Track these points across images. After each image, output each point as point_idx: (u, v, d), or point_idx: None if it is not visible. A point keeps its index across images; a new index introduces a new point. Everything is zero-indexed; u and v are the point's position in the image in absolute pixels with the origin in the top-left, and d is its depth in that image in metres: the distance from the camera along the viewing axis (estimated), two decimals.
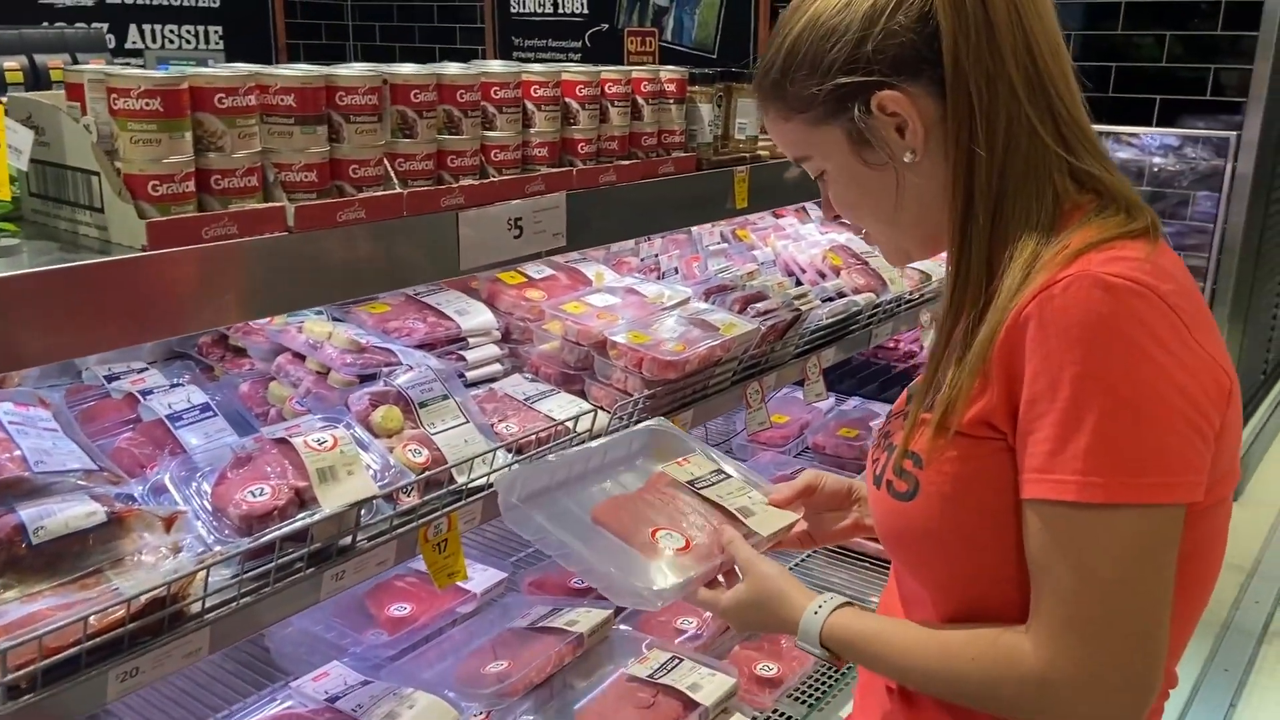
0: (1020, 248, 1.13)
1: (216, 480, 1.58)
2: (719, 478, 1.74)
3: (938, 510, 1.17)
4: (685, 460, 1.77)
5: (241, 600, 1.47)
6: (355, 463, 1.61)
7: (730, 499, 1.66)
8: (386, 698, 1.77)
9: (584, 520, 1.61)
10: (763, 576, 1.41)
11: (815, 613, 1.32)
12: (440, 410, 1.90)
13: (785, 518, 1.62)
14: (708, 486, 1.69)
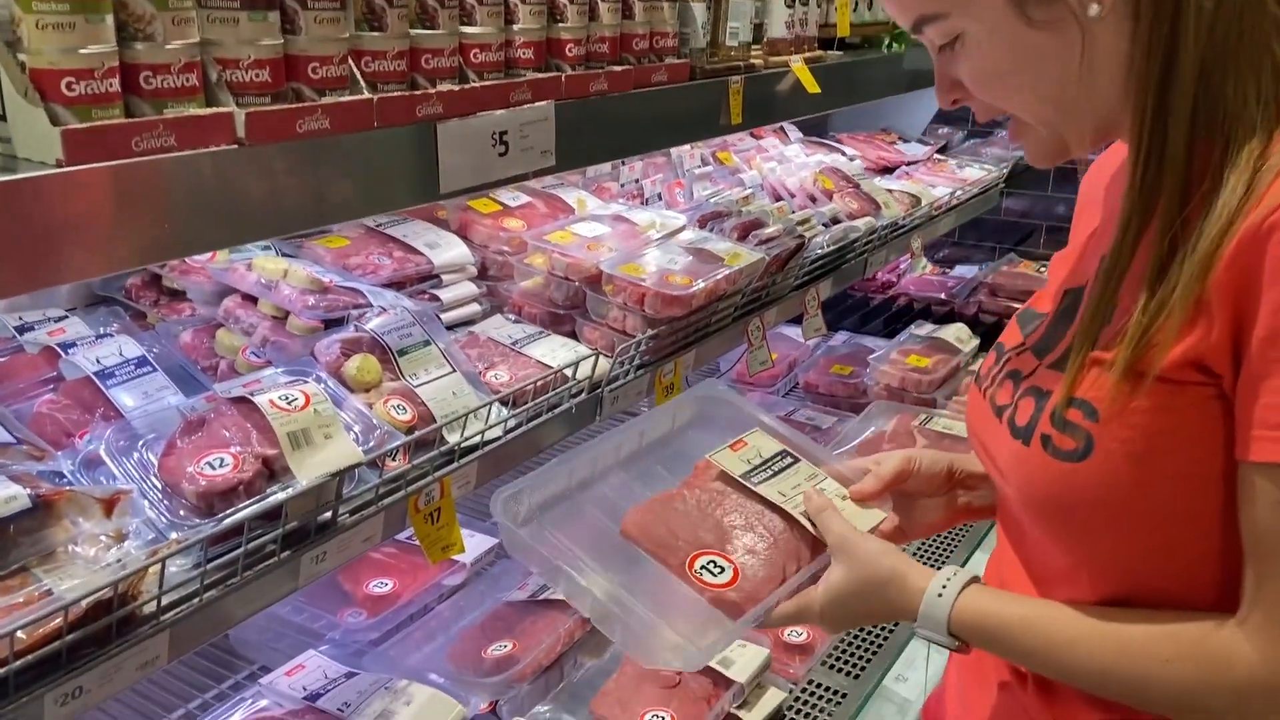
0: (1238, 138, 0.90)
1: (164, 450, 1.31)
2: (783, 463, 1.42)
3: (1121, 473, 0.96)
4: (741, 442, 1.44)
5: (205, 595, 1.22)
6: (333, 424, 1.36)
7: (796, 498, 1.35)
8: (377, 693, 1.54)
9: (610, 534, 1.31)
10: (865, 558, 1.17)
11: (940, 594, 1.10)
12: (422, 358, 1.64)
13: (869, 517, 1.32)
14: (767, 479, 1.37)
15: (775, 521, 1.31)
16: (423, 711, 1.49)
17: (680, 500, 1.34)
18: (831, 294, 2.71)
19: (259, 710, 1.56)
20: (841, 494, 1.35)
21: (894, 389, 2.86)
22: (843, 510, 1.30)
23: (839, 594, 1.18)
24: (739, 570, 1.25)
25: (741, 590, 1.23)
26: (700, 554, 1.26)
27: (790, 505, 1.32)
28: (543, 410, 1.72)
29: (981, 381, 1.26)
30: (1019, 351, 1.20)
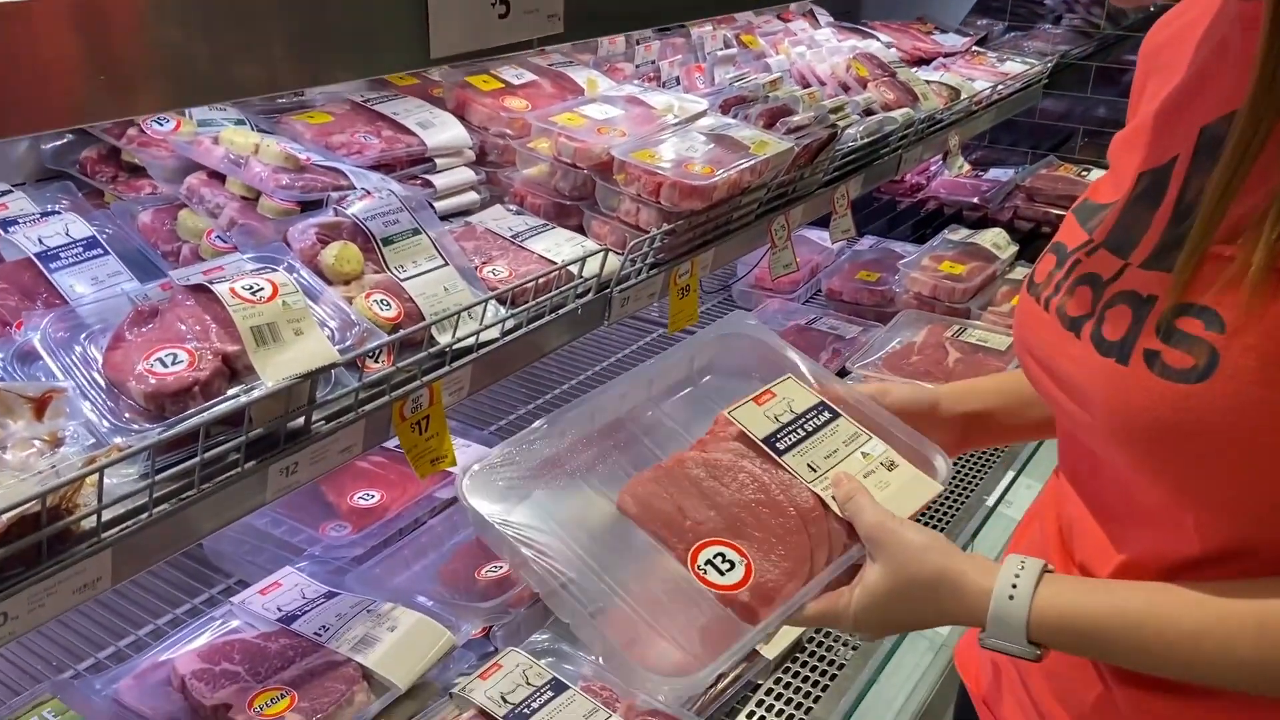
0: None
1: (111, 343, 1.16)
2: (818, 421, 1.20)
3: (1253, 394, 0.80)
4: (768, 394, 1.23)
5: (155, 510, 1.08)
6: (304, 319, 1.20)
7: (827, 472, 1.14)
8: (358, 616, 1.41)
9: (607, 512, 1.12)
10: (906, 554, 1.00)
11: (1011, 595, 0.94)
12: (410, 249, 1.48)
13: (919, 492, 1.12)
14: (796, 444, 1.15)
15: (804, 497, 1.12)
16: (408, 638, 1.36)
17: (690, 466, 1.14)
18: (859, 194, 2.53)
19: (229, 631, 1.44)
20: (890, 460, 1.15)
21: (924, 297, 2.69)
22: (889, 484, 1.11)
23: (877, 597, 1.01)
24: (752, 567, 1.05)
25: (756, 591, 1.04)
26: (706, 543, 1.07)
27: (822, 482, 1.12)
28: (545, 310, 1.57)
29: (1039, 289, 1.09)
30: (1089, 250, 1.03)
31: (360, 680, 1.30)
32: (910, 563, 0.99)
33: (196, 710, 1.26)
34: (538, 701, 1.30)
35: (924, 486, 1.13)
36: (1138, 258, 0.96)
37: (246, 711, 1.24)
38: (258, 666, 1.31)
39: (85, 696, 1.28)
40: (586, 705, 1.26)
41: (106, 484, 1.06)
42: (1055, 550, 1.10)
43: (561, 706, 1.27)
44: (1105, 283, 0.98)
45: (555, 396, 2.49)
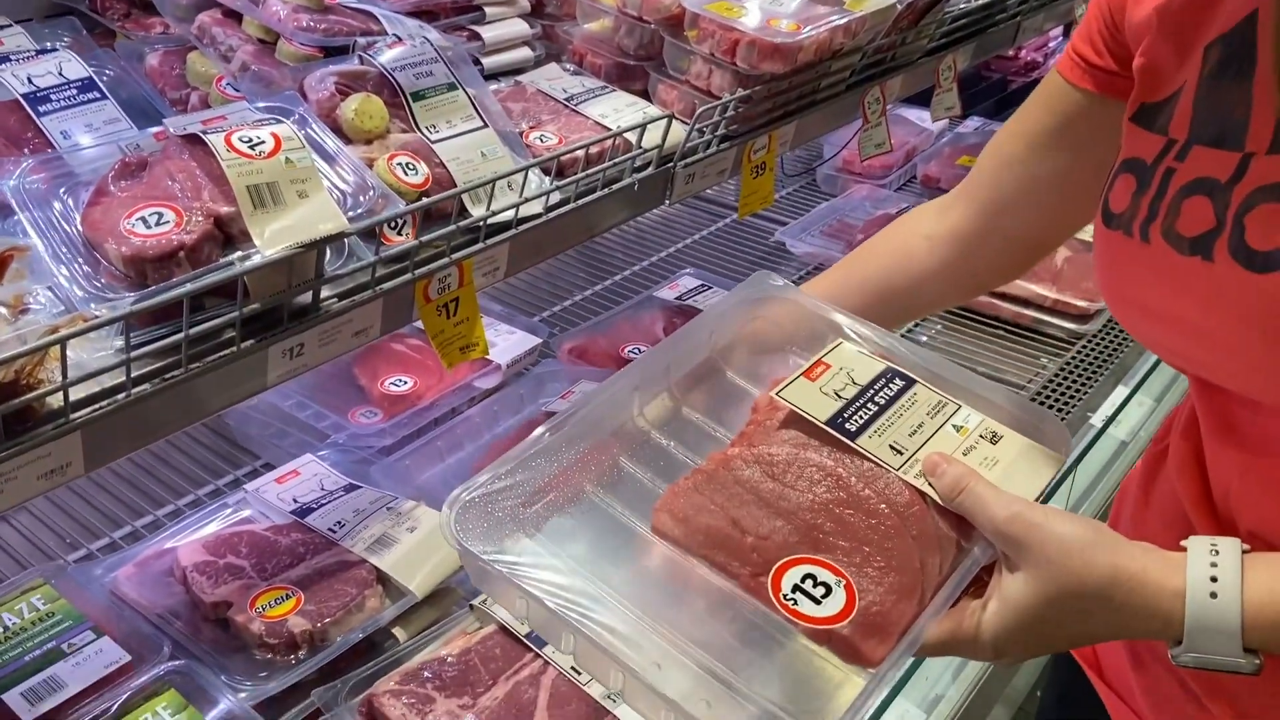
0: None
1: (91, 198, 1.04)
2: (890, 391, 0.98)
3: None
4: (820, 365, 1.00)
5: (134, 390, 0.97)
6: (310, 179, 1.06)
7: (916, 454, 0.92)
8: (376, 513, 1.31)
9: (642, 539, 0.91)
10: (1065, 552, 0.79)
11: (1214, 593, 0.75)
12: (444, 106, 1.33)
13: (1039, 466, 0.92)
14: (870, 424, 0.93)
15: (895, 489, 0.89)
16: (429, 540, 1.26)
17: (739, 467, 0.91)
18: (967, 68, 2.28)
19: (239, 521, 1.35)
20: (991, 431, 0.94)
21: None
22: (997, 461, 0.90)
23: (1024, 614, 0.81)
24: (853, 588, 0.82)
25: (864, 621, 0.81)
26: (788, 564, 0.84)
27: (913, 469, 0.90)
28: (597, 184, 1.40)
29: (1124, 219, 0.90)
30: (1179, 153, 0.85)
31: (373, 584, 1.21)
32: (1069, 568, 0.79)
33: (196, 605, 1.19)
34: None
35: (1041, 461, 0.92)
36: (1259, 143, 0.78)
37: (247, 611, 1.16)
38: (265, 562, 1.23)
39: (80, 584, 1.21)
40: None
41: (82, 359, 0.95)
42: (1208, 521, 0.93)
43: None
44: (1228, 184, 0.80)
45: (617, 282, 2.34)
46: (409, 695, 1.04)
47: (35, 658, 1.10)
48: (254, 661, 1.13)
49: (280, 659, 1.12)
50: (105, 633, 1.12)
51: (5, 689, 1.06)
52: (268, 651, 1.13)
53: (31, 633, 1.12)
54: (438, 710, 1.03)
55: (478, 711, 1.04)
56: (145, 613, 1.18)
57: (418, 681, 1.06)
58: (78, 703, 1.05)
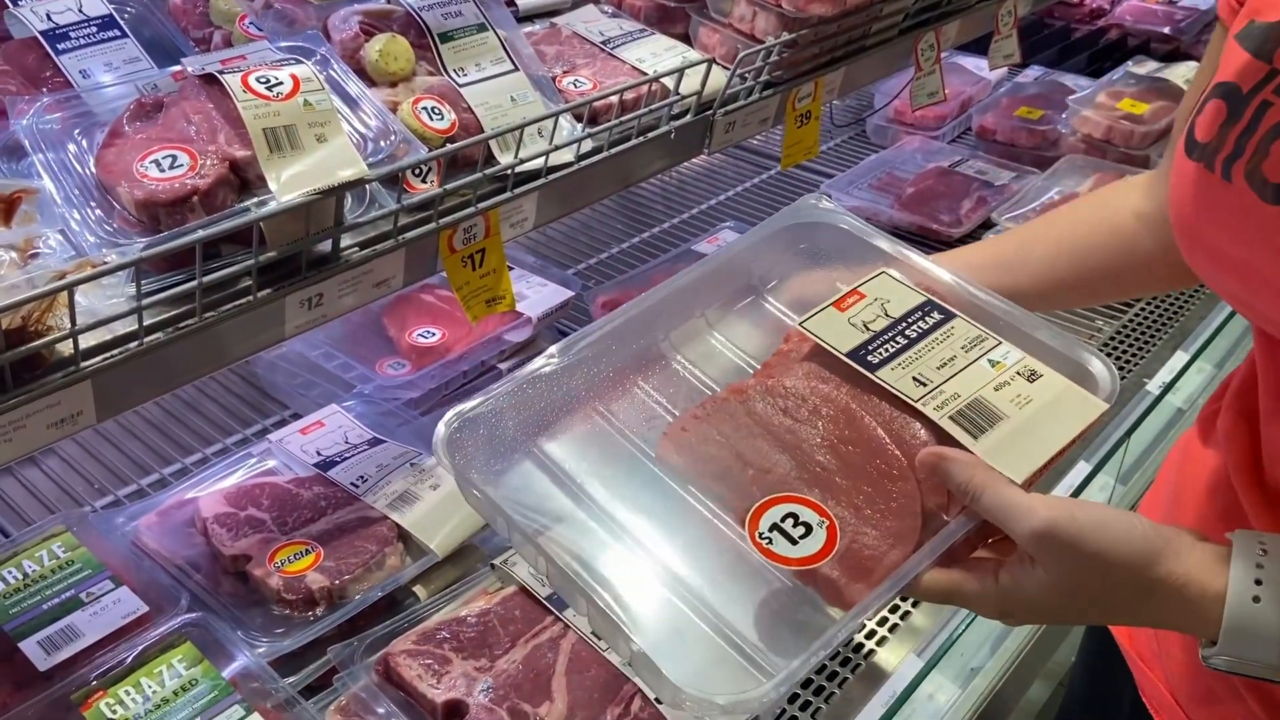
0: None
1: (105, 139, 1.02)
2: (926, 324, 0.93)
3: None
4: (855, 294, 0.96)
5: (147, 339, 0.95)
6: (330, 122, 1.03)
7: (941, 387, 0.88)
8: (400, 468, 1.29)
9: (646, 469, 0.90)
10: (1085, 558, 0.75)
11: (1256, 596, 0.72)
12: (473, 48, 1.29)
13: (1078, 409, 0.86)
14: (895, 356, 0.90)
15: (911, 430, 0.86)
16: (451, 498, 1.24)
17: (752, 398, 0.89)
18: (1026, 15, 2.19)
19: (263, 472, 1.34)
20: (1029, 369, 0.88)
21: (1095, 140, 2.36)
22: (1030, 400, 0.85)
23: (1039, 600, 0.78)
24: (837, 529, 0.81)
25: (847, 562, 0.79)
26: (771, 501, 0.83)
27: (935, 401, 0.86)
28: (632, 132, 1.36)
29: (1209, 150, 0.83)
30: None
31: (394, 541, 1.20)
32: (1106, 585, 0.76)
33: (216, 557, 1.18)
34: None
35: (1081, 404, 0.85)
36: None
37: (266, 565, 1.15)
38: (286, 516, 1.21)
39: (101, 532, 1.21)
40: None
41: (95, 306, 0.94)
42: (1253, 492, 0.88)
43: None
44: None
45: (655, 235, 2.29)
46: (426, 656, 1.03)
47: (53, 606, 1.10)
48: (272, 616, 1.12)
49: (298, 615, 1.12)
50: (124, 583, 1.12)
51: (22, 637, 1.06)
52: (285, 607, 1.12)
53: (50, 580, 1.13)
54: (454, 672, 1.01)
55: (495, 674, 1.02)
56: (165, 563, 1.18)
57: (435, 642, 1.05)
58: (93, 653, 1.05)
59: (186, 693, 1.00)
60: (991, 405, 0.86)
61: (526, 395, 0.93)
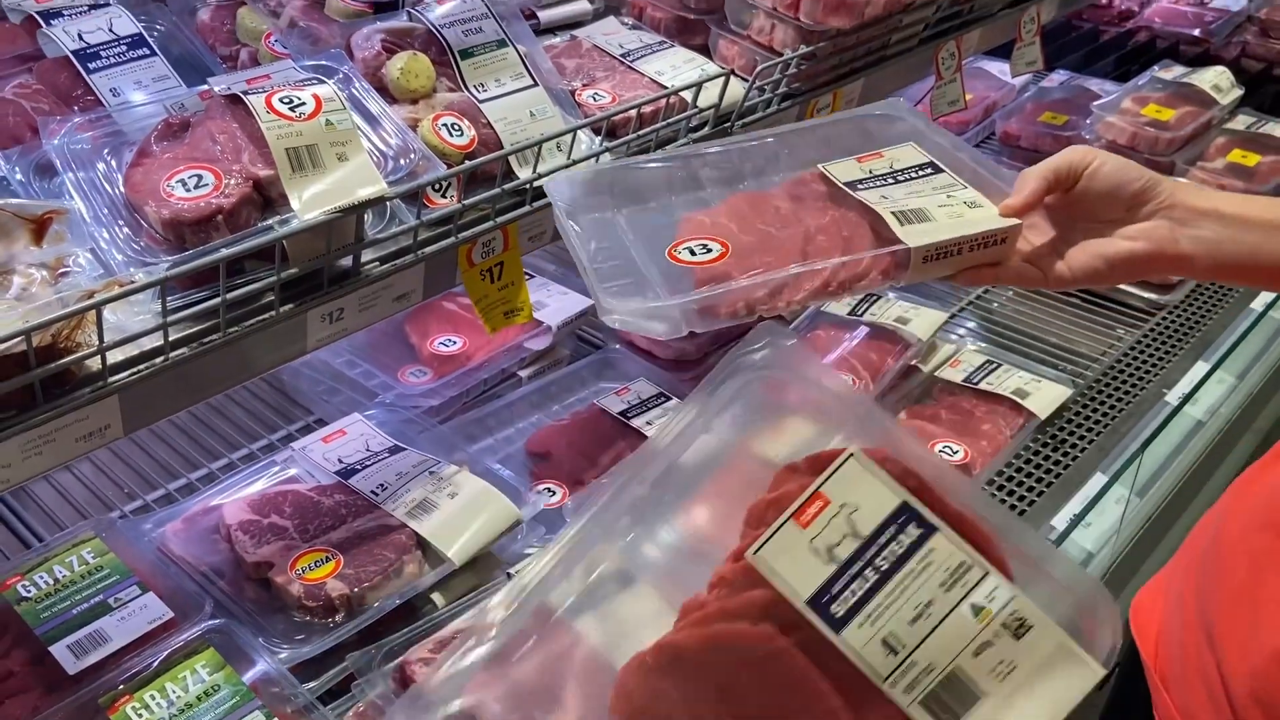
0: None
1: (133, 159, 1.05)
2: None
3: None
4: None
5: (172, 354, 0.98)
6: (351, 141, 1.06)
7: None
8: (420, 477, 1.32)
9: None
10: None
11: None
12: (494, 64, 1.31)
13: (1072, 680, 0.76)
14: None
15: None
16: (469, 507, 1.26)
17: (701, 650, 0.83)
18: (1052, 19, 2.18)
19: (284, 480, 1.37)
20: (1017, 619, 0.78)
21: (1120, 146, 2.35)
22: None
23: None
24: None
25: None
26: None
27: (902, 682, 0.78)
28: (650, 145, 1.38)
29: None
30: None
31: (413, 549, 1.22)
32: None
33: (239, 563, 1.21)
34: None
35: (1072, 670, 0.77)
36: None
37: (287, 572, 1.18)
38: (307, 523, 1.24)
39: (128, 539, 1.24)
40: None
41: (123, 322, 0.97)
42: None
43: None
44: None
45: None
46: None
47: (82, 611, 1.13)
48: (293, 623, 1.15)
49: (318, 621, 1.14)
50: (150, 589, 1.15)
51: (53, 640, 1.09)
52: (306, 614, 1.15)
53: (80, 586, 1.16)
54: None
55: (508, 681, 1.04)
56: (190, 569, 1.21)
57: None
58: (121, 658, 1.08)
59: (209, 698, 1.03)
60: (969, 681, 0.77)
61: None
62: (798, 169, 1.21)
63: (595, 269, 1.06)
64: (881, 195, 1.12)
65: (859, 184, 1.14)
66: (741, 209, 1.15)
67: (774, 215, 1.14)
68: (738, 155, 1.23)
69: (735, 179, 1.22)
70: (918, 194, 1.12)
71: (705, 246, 1.08)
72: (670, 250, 1.08)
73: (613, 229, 1.12)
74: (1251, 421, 1.92)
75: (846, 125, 1.28)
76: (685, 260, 1.07)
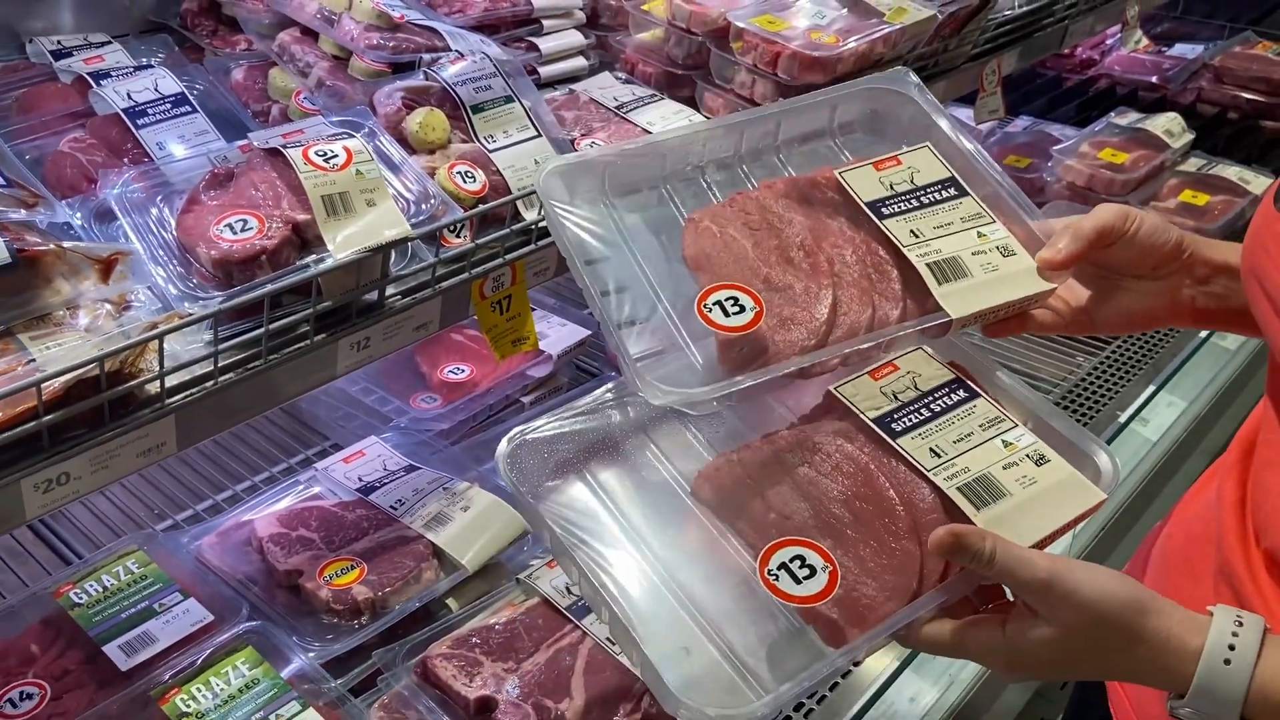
0: None
1: (184, 206, 1.16)
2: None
3: None
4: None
5: (221, 379, 1.08)
6: (378, 189, 1.17)
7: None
8: (434, 492, 1.42)
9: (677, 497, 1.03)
10: (1083, 609, 0.83)
11: (1227, 659, 0.81)
12: (501, 118, 1.42)
13: (1081, 498, 0.95)
14: (919, 425, 0.99)
15: (920, 494, 0.95)
16: (480, 519, 1.37)
17: (782, 450, 1.00)
18: (1017, 69, 2.32)
19: (310, 498, 1.47)
20: (1038, 453, 0.97)
21: (1078, 188, 2.49)
22: (1036, 483, 0.94)
23: (1039, 651, 0.86)
24: (837, 575, 0.90)
25: (846, 607, 0.89)
26: (782, 543, 0.92)
27: (944, 473, 0.95)
28: None
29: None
30: None
31: (430, 558, 1.32)
32: (1088, 618, 0.83)
33: (271, 572, 1.31)
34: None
35: (1081, 492, 0.95)
36: None
37: (316, 579, 1.27)
38: (333, 535, 1.34)
39: (169, 551, 1.34)
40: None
41: (175, 350, 1.07)
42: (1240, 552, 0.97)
43: None
44: None
45: None
46: (459, 659, 1.15)
47: (130, 615, 1.23)
48: (322, 625, 1.24)
49: (345, 623, 1.24)
50: (191, 595, 1.25)
51: (105, 641, 1.19)
52: (334, 616, 1.24)
53: (127, 593, 1.25)
54: (484, 673, 1.13)
55: (521, 674, 1.14)
56: (226, 578, 1.30)
57: (467, 647, 1.17)
58: (167, 656, 1.17)
59: (250, 690, 1.12)
60: (998, 482, 0.94)
61: (583, 422, 1.05)
62: (802, 143, 1.16)
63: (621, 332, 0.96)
64: (911, 231, 1.04)
65: (882, 206, 1.05)
66: (753, 218, 1.06)
67: (791, 234, 1.04)
68: (735, 130, 1.14)
69: (733, 160, 1.15)
70: (947, 229, 1.05)
71: (737, 302, 0.97)
72: (699, 306, 0.96)
73: (620, 249, 1.03)
74: (1199, 442, 2.04)
75: (853, 100, 1.20)
76: (719, 325, 0.95)
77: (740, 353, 0.96)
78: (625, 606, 0.90)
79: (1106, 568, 0.86)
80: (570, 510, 0.99)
